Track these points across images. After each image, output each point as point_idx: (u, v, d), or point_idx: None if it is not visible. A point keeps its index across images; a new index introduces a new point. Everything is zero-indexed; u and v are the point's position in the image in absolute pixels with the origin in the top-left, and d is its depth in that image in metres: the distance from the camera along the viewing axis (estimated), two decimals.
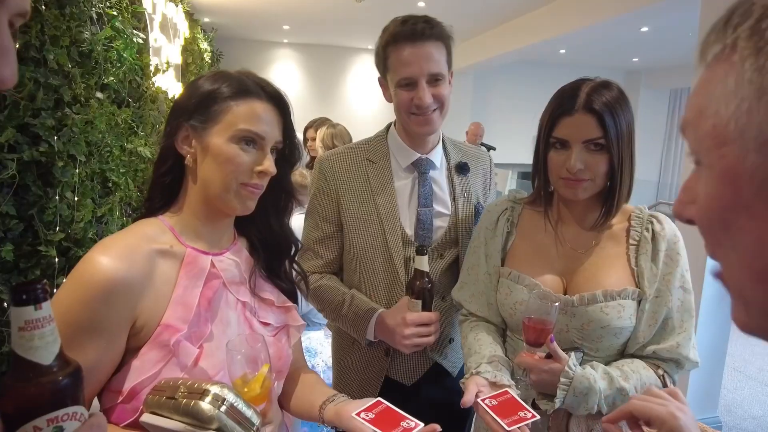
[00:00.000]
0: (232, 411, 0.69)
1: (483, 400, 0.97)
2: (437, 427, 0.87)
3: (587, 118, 1.02)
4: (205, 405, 0.67)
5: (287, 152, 0.95)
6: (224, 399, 0.68)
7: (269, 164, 0.87)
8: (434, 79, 1.22)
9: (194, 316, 0.82)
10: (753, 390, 3.56)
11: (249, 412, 0.71)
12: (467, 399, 0.99)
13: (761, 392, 3.54)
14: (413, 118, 1.25)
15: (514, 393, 1.01)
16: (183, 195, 0.90)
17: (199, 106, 0.86)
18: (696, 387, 2.92)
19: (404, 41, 1.20)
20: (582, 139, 1.03)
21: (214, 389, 0.69)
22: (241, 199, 0.87)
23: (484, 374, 1.04)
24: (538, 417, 0.95)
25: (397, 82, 1.23)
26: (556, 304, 1.00)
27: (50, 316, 0.53)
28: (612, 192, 1.07)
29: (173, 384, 0.72)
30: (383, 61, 1.27)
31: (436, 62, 1.21)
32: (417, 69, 1.20)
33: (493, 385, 1.03)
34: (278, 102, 0.91)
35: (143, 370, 0.77)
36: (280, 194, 0.99)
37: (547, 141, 1.09)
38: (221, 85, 0.86)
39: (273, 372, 0.84)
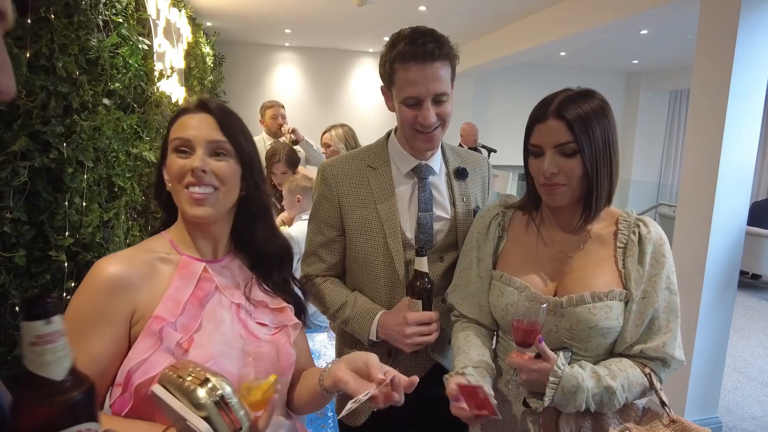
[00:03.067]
0: (224, 404, 0.71)
1: (457, 400, 1.03)
2: (415, 378, 0.93)
3: (557, 123, 1.06)
4: (201, 392, 0.70)
5: (244, 158, 0.98)
6: (220, 392, 0.71)
7: (195, 159, 0.93)
8: (439, 99, 1.24)
9: (184, 311, 0.90)
10: (753, 391, 3.58)
11: (241, 412, 0.72)
12: (449, 391, 1.05)
13: (761, 393, 3.55)
14: (418, 135, 1.28)
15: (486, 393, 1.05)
16: (178, 211, 1.00)
17: (165, 137, 0.99)
18: (696, 388, 2.93)
19: (413, 61, 1.20)
20: (553, 144, 1.07)
21: (214, 380, 0.72)
22: (189, 204, 0.93)
23: (468, 376, 1.07)
24: (499, 417, 1.02)
25: (403, 99, 1.25)
26: (544, 305, 1.02)
27: (61, 330, 0.52)
28: (589, 196, 1.10)
29: (186, 365, 0.76)
30: (389, 75, 1.27)
31: (442, 82, 1.22)
32: (423, 90, 1.21)
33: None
34: (205, 108, 0.97)
35: (133, 357, 0.84)
36: (247, 214, 1.03)
37: (527, 149, 1.14)
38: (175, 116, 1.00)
39: (279, 383, 0.86)
